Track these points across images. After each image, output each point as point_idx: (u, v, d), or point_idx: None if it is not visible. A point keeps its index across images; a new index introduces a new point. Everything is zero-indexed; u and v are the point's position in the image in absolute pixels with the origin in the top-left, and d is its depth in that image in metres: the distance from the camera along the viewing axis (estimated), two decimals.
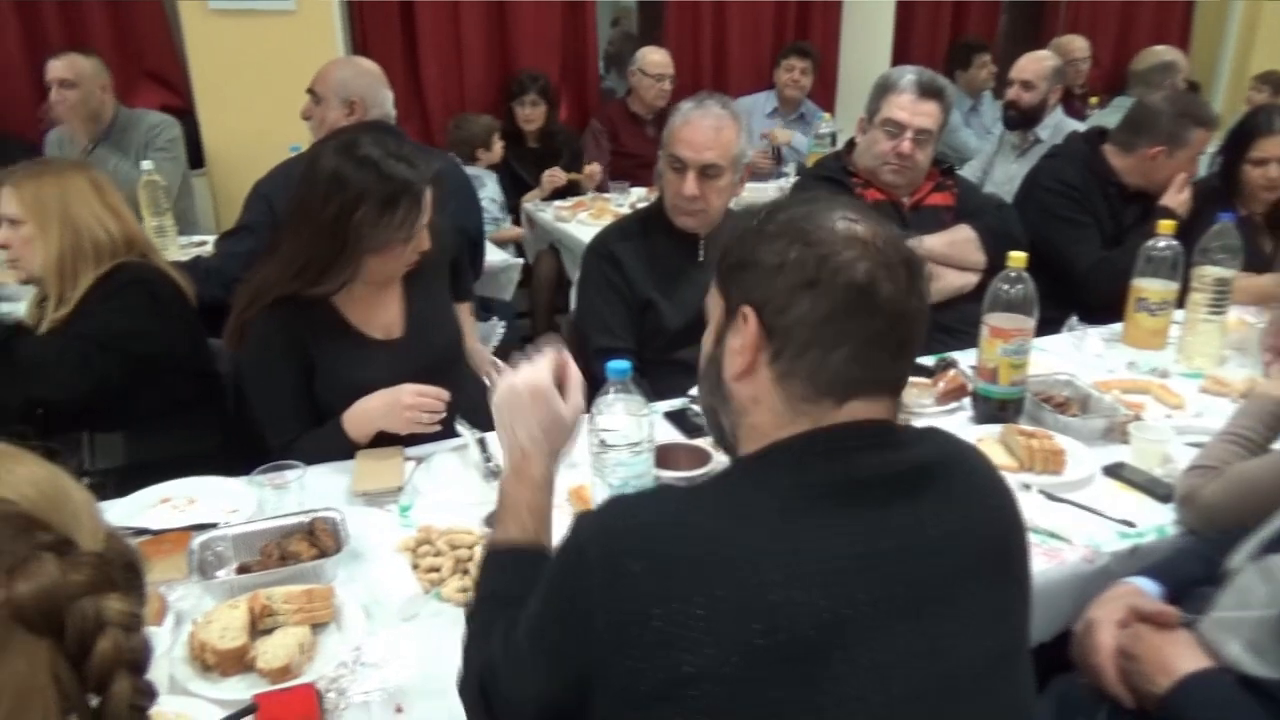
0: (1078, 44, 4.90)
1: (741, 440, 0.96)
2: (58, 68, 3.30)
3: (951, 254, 2.38)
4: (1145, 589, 1.32)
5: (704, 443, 1.62)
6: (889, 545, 0.82)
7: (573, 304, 3.31)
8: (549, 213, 3.84)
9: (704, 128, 2.02)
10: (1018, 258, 1.81)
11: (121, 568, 0.64)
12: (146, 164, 3.05)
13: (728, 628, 0.76)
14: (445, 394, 1.74)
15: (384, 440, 1.76)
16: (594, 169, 4.10)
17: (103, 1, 3.78)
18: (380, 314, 1.88)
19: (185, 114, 3.85)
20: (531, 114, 4.15)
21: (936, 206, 2.46)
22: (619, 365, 1.30)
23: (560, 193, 4.06)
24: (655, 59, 4.36)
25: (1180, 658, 1.17)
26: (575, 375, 1.20)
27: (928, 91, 2.33)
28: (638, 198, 3.90)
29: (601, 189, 4.10)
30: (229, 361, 2.29)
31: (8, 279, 2.28)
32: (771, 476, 0.87)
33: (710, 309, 1.00)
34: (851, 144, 2.54)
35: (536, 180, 4.03)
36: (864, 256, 0.88)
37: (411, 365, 1.82)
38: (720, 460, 1.46)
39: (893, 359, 0.91)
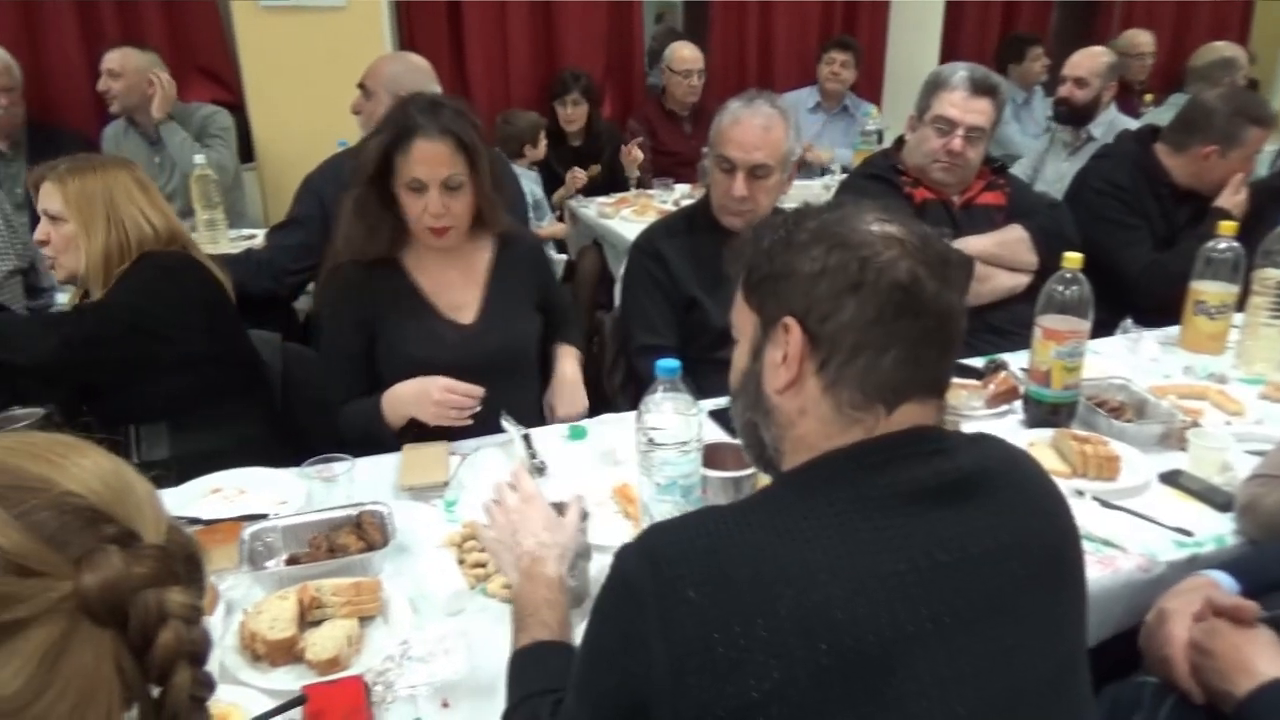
0: (1142, 39, 4.78)
1: (786, 454, 0.95)
2: (108, 59, 3.39)
3: (1002, 254, 2.34)
4: (1221, 583, 1.28)
5: None
6: (947, 557, 0.81)
7: (616, 300, 3.31)
8: (592, 209, 3.84)
9: (753, 127, 2.01)
10: (1073, 258, 1.77)
11: (183, 560, 0.64)
12: (199, 158, 3.10)
13: (793, 648, 0.75)
14: (478, 390, 1.75)
15: (429, 435, 1.77)
16: (636, 154, 4.05)
17: (157, 1, 3.85)
18: (454, 292, 1.93)
19: (235, 109, 3.91)
20: (573, 114, 4.15)
21: (988, 206, 2.42)
22: (668, 364, 1.30)
23: (603, 187, 4.06)
24: (683, 54, 4.33)
25: (1261, 658, 1.13)
26: (577, 505, 1.30)
27: (981, 88, 2.29)
28: (681, 194, 3.88)
29: (644, 185, 4.09)
30: (280, 354, 2.32)
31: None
32: (822, 490, 0.85)
33: (739, 325, 0.99)
34: (901, 141, 2.51)
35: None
36: (904, 255, 0.87)
37: (477, 354, 1.87)
38: None
39: (940, 357, 0.91)
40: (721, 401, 1.93)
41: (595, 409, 2.04)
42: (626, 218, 3.67)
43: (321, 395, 2.21)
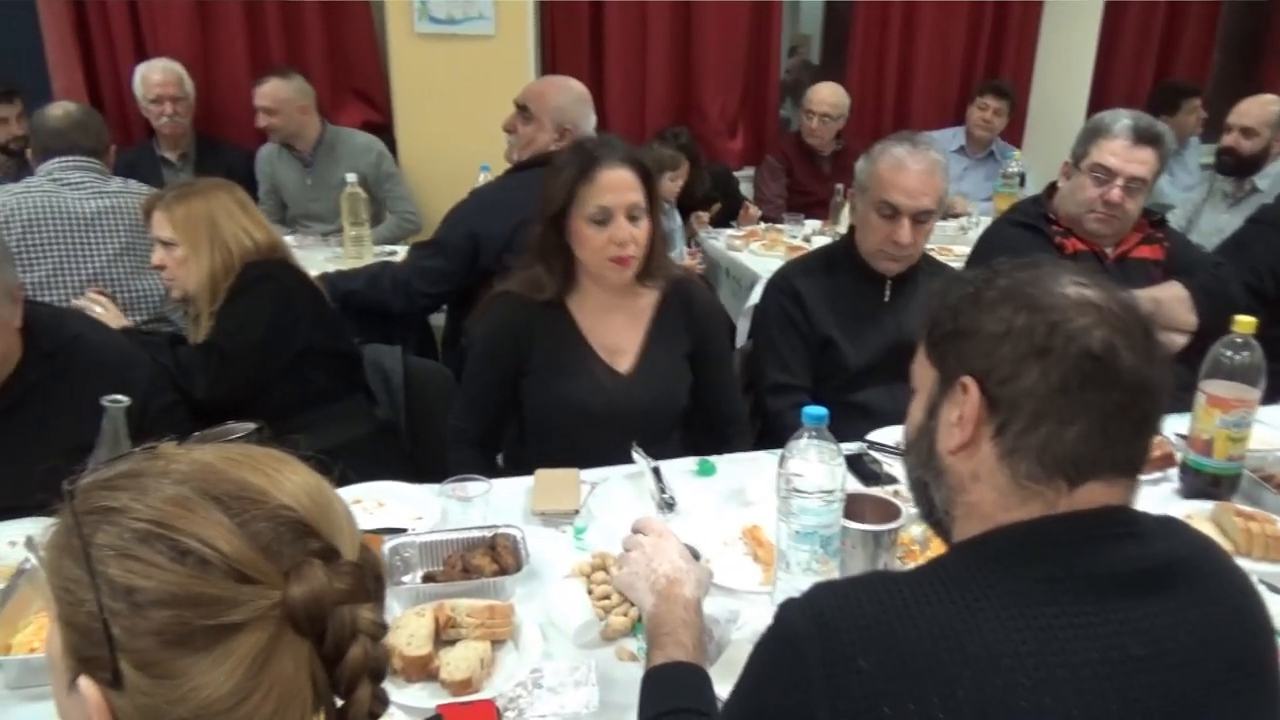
0: None
1: (957, 519, 0.91)
2: (261, 96, 3.58)
3: (1159, 312, 2.21)
4: None
5: (890, 493, 1.56)
6: (1141, 651, 0.76)
7: (740, 333, 3.29)
8: (720, 240, 3.84)
9: (918, 174, 1.98)
10: (1245, 322, 1.67)
11: (373, 578, 0.67)
12: (351, 176, 3.24)
13: None
14: None
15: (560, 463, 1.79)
16: (753, 213, 4.04)
17: (320, 24, 4.05)
18: (613, 335, 1.92)
19: (383, 129, 4.09)
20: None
21: (1143, 260, 2.32)
22: (816, 411, 1.27)
23: (723, 220, 4.05)
24: (822, 96, 4.25)
25: None
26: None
27: (1144, 138, 2.20)
28: (812, 230, 3.85)
29: (774, 220, 4.07)
30: (401, 365, 2.39)
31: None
32: (1003, 566, 0.81)
33: (918, 379, 0.96)
34: (1052, 188, 2.42)
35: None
36: (1100, 323, 0.82)
37: (630, 403, 1.87)
38: (911, 513, 1.40)
39: (1134, 435, 0.85)
40: (852, 447, 1.90)
41: (722, 444, 2.01)
42: (755, 251, 3.66)
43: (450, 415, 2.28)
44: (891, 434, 1.97)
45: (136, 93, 3.63)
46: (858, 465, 1.82)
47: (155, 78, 3.60)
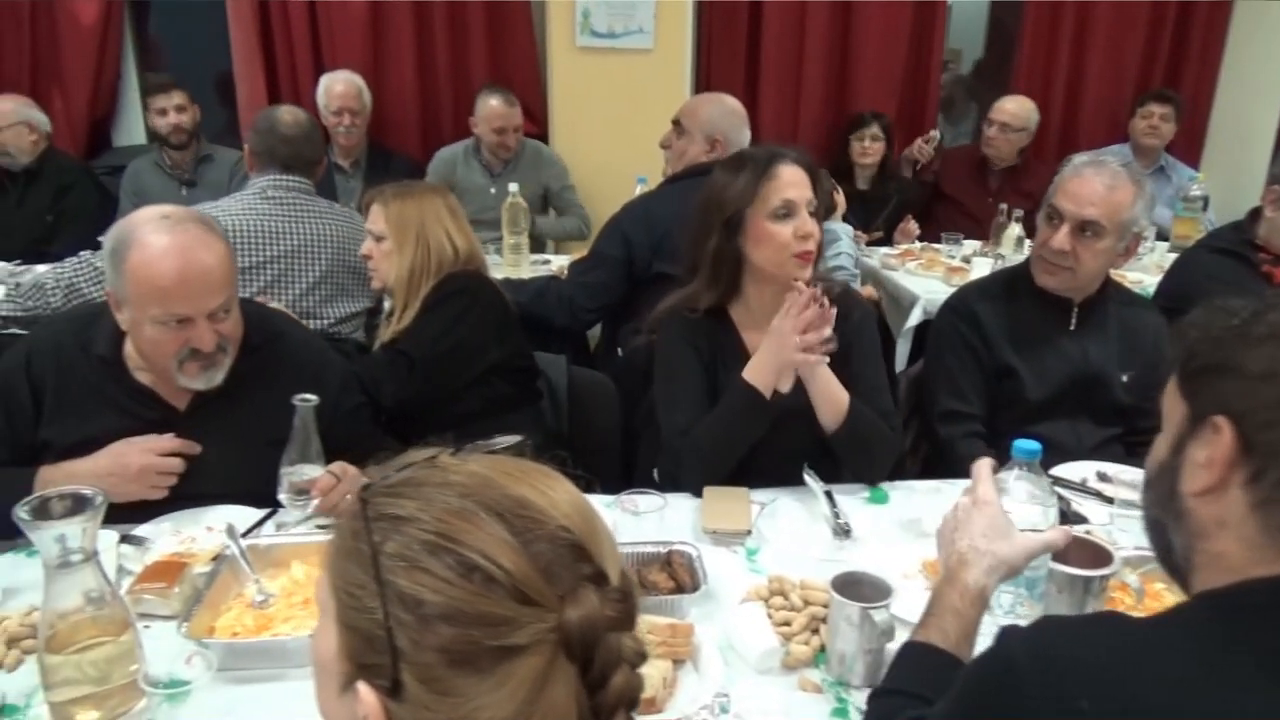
0: None
1: (1197, 567, 0.85)
2: (511, 115, 3.79)
3: None
4: None
5: (1083, 533, 1.47)
6: None
7: (899, 359, 3.18)
8: (875, 260, 3.74)
9: (1095, 183, 1.89)
10: None
11: (634, 604, 0.65)
12: (513, 186, 3.31)
13: None
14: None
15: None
16: (911, 228, 3.95)
17: (484, 36, 4.15)
18: None
19: (538, 140, 4.16)
20: (870, 147, 4.06)
21: None
22: (1029, 445, 1.21)
23: (883, 242, 3.98)
24: (1004, 106, 4.11)
25: None
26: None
27: None
28: (972, 250, 3.71)
29: (932, 239, 3.94)
30: (566, 375, 2.42)
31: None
32: (1251, 621, 0.75)
33: (1166, 413, 0.90)
34: (1255, 214, 2.26)
35: (861, 225, 3.89)
36: None
37: (788, 410, 1.81)
38: (1122, 557, 1.31)
39: None
40: None
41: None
42: (911, 271, 3.55)
43: (624, 421, 2.28)
44: (1075, 470, 1.87)
45: (319, 102, 3.76)
46: None
47: (338, 89, 3.76)
